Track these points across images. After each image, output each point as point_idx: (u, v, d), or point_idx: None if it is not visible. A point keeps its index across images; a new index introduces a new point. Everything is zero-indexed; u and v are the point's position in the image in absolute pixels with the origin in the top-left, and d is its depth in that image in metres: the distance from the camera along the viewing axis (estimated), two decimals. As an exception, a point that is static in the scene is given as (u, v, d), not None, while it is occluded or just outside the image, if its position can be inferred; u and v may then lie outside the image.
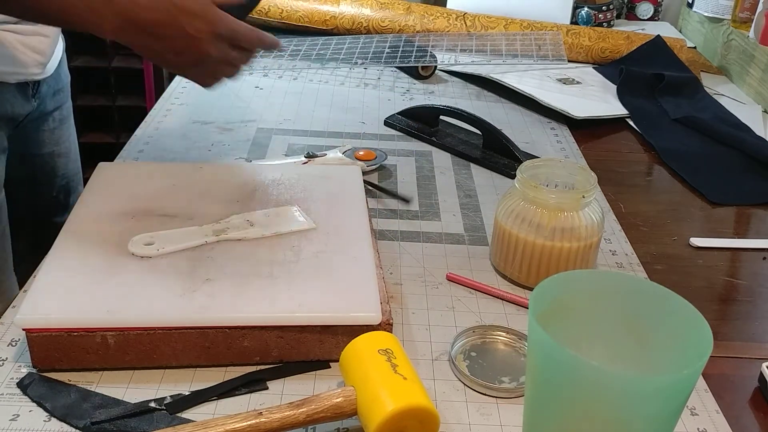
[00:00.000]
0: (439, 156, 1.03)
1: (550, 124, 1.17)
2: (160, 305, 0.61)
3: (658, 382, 0.45)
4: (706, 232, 0.90)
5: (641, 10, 1.75)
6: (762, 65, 1.31)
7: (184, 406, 0.58)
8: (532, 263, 0.73)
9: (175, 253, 0.67)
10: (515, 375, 0.63)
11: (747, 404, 0.63)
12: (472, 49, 1.40)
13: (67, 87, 1.08)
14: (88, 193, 0.76)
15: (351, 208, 0.77)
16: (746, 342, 0.71)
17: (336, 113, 1.16)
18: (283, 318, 0.61)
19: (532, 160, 0.77)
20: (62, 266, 0.64)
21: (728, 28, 1.47)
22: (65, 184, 1.08)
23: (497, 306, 0.72)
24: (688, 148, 1.11)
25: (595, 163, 1.04)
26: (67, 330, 0.59)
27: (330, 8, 1.46)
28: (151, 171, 0.82)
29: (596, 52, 1.41)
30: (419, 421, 0.53)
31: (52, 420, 0.56)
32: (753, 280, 0.81)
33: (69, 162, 1.09)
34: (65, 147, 1.08)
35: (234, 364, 0.63)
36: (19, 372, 0.61)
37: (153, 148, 1.00)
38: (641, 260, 0.82)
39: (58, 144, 1.06)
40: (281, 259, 0.67)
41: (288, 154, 1.01)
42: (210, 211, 0.74)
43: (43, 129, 1.03)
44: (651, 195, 0.99)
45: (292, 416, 0.53)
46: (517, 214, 0.73)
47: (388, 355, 0.56)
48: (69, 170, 1.09)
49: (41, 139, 1.03)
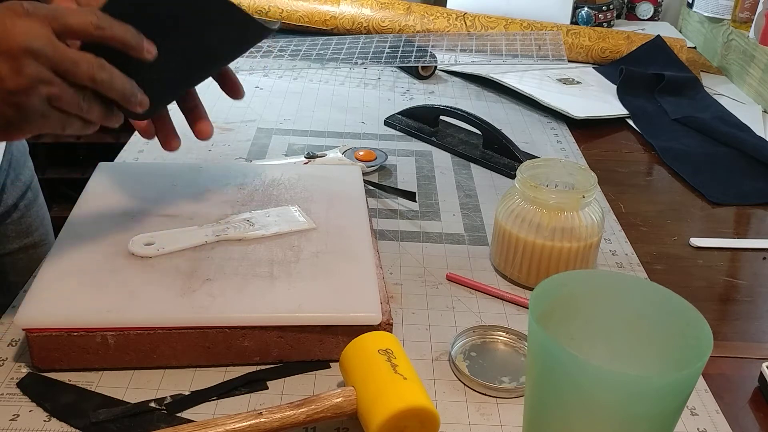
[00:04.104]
0: (439, 156, 1.03)
1: (550, 124, 1.17)
2: (160, 305, 0.61)
3: (658, 382, 0.45)
4: (706, 232, 0.89)
5: (641, 10, 1.75)
6: (762, 65, 1.31)
7: (184, 406, 0.58)
8: (532, 263, 0.73)
9: (175, 253, 0.67)
10: (515, 375, 0.63)
11: (747, 404, 0.63)
12: (472, 49, 1.40)
13: (23, 161, 0.92)
14: (88, 193, 0.76)
15: (351, 208, 0.77)
16: (746, 342, 0.71)
17: (336, 113, 1.16)
18: (283, 318, 0.61)
19: (532, 160, 0.77)
20: (62, 266, 0.64)
21: (728, 28, 1.47)
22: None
23: (497, 306, 0.72)
24: (688, 148, 1.11)
25: (595, 163, 1.04)
26: (67, 330, 0.59)
27: (330, 8, 1.46)
28: (151, 171, 0.82)
29: (596, 52, 1.41)
30: (419, 421, 0.53)
31: (52, 420, 0.56)
32: (753, 280, 0.81)
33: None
34: (39, 235, 0.93)
35: (234, 364, 0.62)
36: (19, 372, 0.61)
37: (153, 148, 1.00)
38: (641, 260, 0.82)
39: (28, 235, 0.92)
40: (281, 259, 0.67)
41: (288, 154, 1.01)
42: (210, 211, 0.74)
43: (6, 223, 0.89)
44: (651, 195, 0.99)
45: (292, 416, 0.53)
46: (517, 214, 0.73)
47: (388, 355, 0.56)
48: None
49: (5, 235, 0.89)
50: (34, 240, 0.94)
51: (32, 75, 0.50)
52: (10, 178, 0.90)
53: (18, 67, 0.50)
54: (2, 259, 0.91)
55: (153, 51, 0.56)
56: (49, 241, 0.97)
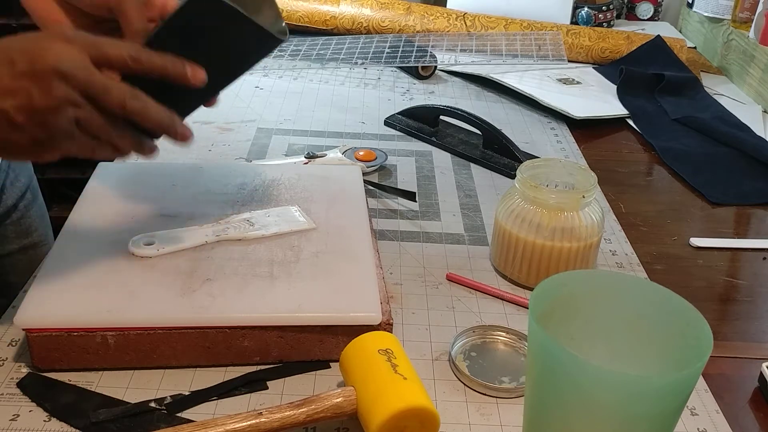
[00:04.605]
0: (439, 156, 1.03)
1: (550, 124, 1.17)
2: (160, 305, 0.61)
3: (658, 382, 0.45)
4: (706, 232, 0.89)
5: (641, 10, 1.75)
6: (762, 65, 1.31)
7: (184, 406, 0.58)
8: (532, 263, 0.73)
9: (175, 253, 0.67)
10: (515, 375, 0.63)
11: (747, 404, 0.63)
12: (472, 49, 1.40)
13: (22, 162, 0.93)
14: (88, 193, 0.76)
15: (351, 208, 0.77)
16: (746, 342, 0.71)
17: (336, 113, 1.16)
18: (283, 318, 0.61)
19: (532, 160, 0.77)
20: (62, 266, 0.64)
21: (728, 28, 1.47)
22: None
23: (497, 306, 0.72)
24: (688, 148, 1.11)
25: (595, 163, 1.04)
26: (67, 330, 0.59)
27: (330, 8, 1.46)
28: (151, 171, 0.82)
29: (596, 52, 1.41)
30: (419, 421, 0.53)
31: (52, 420, 0.56)
32: (753, 280, 0.81)
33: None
34: (38, 235, 0.93)
35: (234, 364, 0.62)
36: (19, 372, 0.61)
37: (153, 148, 1.00)
38: (641, 260, 0.82)
39: (28, 236, 0.92)
40: (281, 259, 0.67)
41: (288, 154, 1.01)
42: (210, 211, 0.74)
43: (6, 224, 0.89)
44: (651, 195, 0.99)
45: (292, 416, 0.53)
46: (517, 214, 0.73)
47: (388, 355, 0.56)
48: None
49: (4, 236, 0.89)
50: (34, 240, 0.94)
51: (60, 96, 0.51)
52: (10, 179, 0.90)
53: (47, 87, 0.51)
54: (2, 259, 0.91)
55: (201, 77, 0.57)
56: (49, 241, 0.96)
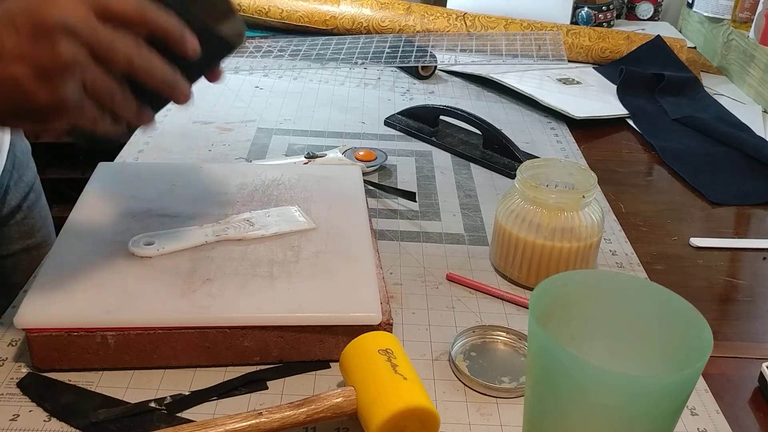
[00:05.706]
0: (439, 156, 1.03)
1: (550, 124, 1.17)
2: (160, 305, 0.61)
3: (658, 382, 0.45)
4: (706, 232, 0.89)
5: (641, 10, 1.75)
6: (762, 65, 1.31)
7: (184, 406, 0.58)
8: (532, 263, 0.73)
9: (175, 253, 0.67)
10: (515, 375, 0.63)
11: (747, 404, 0.63)
12: (472, 49, 1.40)
13: (26, 162, 0.93)
14: (88, 193, 0.76)
15: (351, 208, 0.77)
16: (746, 342, 0.71)
17: (336, 113, 1.16)
18: (283, 318, 0.61)
19: (532, 160, 0.77)
20: (62, 266, 0.64)
21: (728, 28, 1.47)
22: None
23: (497, 306, 0.72)
24: (688, 148, 1.11)
25: (595, 163, 1.04)
26: (67, 330, 0.59)
27: (330, 8, 1.46)
28: (151, 171, 0.82)
29: (596, 52, 1.41)
30: (419, 422, 0.53)
31: (52, 420, 0.56)
32: (753, 280, 0.81)
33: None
34: (42, 236, 0.93)
35: (234, 364, 0.62)
36: (19, 372, 0.61)
37: (153, 148, 1.00)
38: (641, 260, 0.82)
39: (31, 236, 0.92)
40: (281, 259, 0.67)
41: (288, 154, 1.01)
42: (210, 211, 0.74)
43: (9, 224, 0.89)
44: (651, 195, 0.99)
45: (292, 416, 0.53)
46: (517, 214, 0.73)
47: (388, 355, 0.56)
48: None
49: (8, 236, 0.89)
50: (37, 241, 0.94)
51: (69, 56, 0.48)
52: (14, 180, 0.90)
53: (54, 46, 0.48)
54: (5, 260, 0.90)
55: (196, 47, 0.53)
56: (52, 242, 0.96)
